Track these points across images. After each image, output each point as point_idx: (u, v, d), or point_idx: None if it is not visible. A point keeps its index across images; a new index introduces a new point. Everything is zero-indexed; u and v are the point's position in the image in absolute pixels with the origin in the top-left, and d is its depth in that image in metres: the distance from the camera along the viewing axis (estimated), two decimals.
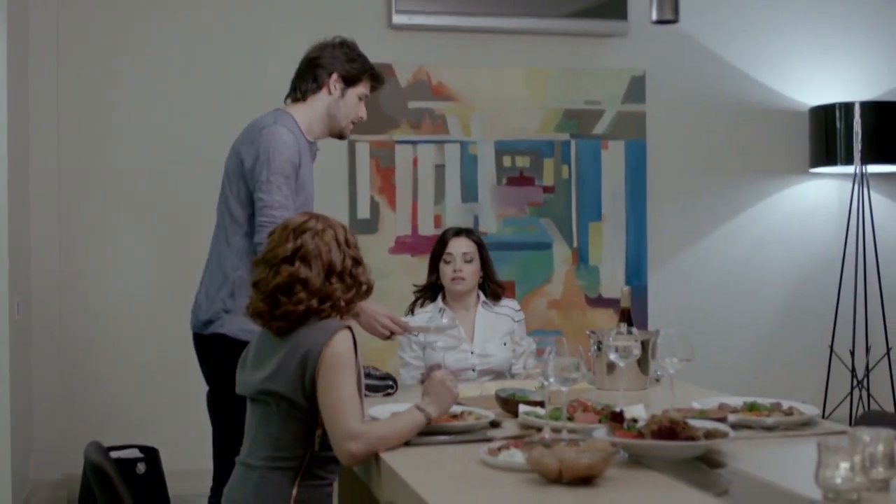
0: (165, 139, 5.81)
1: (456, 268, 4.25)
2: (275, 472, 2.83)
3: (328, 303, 2.88)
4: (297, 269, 2.87)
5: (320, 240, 2.90)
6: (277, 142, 3.71)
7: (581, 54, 6.32)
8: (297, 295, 2.86)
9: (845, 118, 6.28)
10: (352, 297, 2.95)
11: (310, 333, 2.83)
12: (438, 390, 2.94)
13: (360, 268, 2.97)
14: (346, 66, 3.97)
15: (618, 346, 3.27)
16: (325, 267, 2.89)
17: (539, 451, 2.40)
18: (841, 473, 2.16)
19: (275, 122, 3.81)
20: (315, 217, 2.98)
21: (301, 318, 2.87)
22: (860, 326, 6.47)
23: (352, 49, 4.05)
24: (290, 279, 2.87)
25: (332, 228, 2.95)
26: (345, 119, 3.92)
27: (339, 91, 3.93)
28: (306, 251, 2.89)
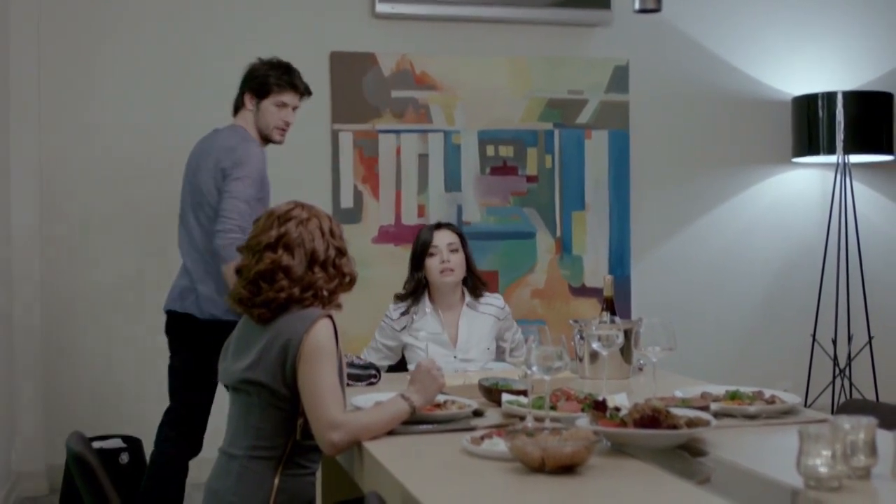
0: (147, 135, 5.78)
1: (443, 259, 4.21)
2: (256, 462, 2.83)
3: (310, 291, 2.88)
4: (280, 257, 2.87)
5: (304, 228, 2.91)
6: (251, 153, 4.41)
7: (564, 44, 6.32)
8: (279, 282, 2.86)
9: (828, 108, 6.30)
10: (334, 288, 2.95)
11: (291, 322, 2.83)
12: (424, 379, 2.94)
13: (343, 258, 2.97)
14: (251, 83, 4.56)
15: (601, 336, 3.28)
16: (308, 256, 2.90)
17: (522, 440, 2.40)
18: (822, 461, 2.17)
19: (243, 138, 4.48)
20: (301, 206, 2.98)
21: (282, 305, 2.86)
22: (842, 315, 6.49)
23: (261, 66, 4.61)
24: (273, 266, 2.87)
25: (318, 218, 2.95)
26: (270, 130, 4.55)
27: (254, 105, 4.54)
28: (290, 239, 2.89)
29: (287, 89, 4.52)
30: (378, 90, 6.02)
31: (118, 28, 5.77)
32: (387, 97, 6.03)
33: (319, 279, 2.90)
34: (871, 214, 6.73)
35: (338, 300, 2.99)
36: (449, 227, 4.34)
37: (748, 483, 2.39)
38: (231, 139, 4.46)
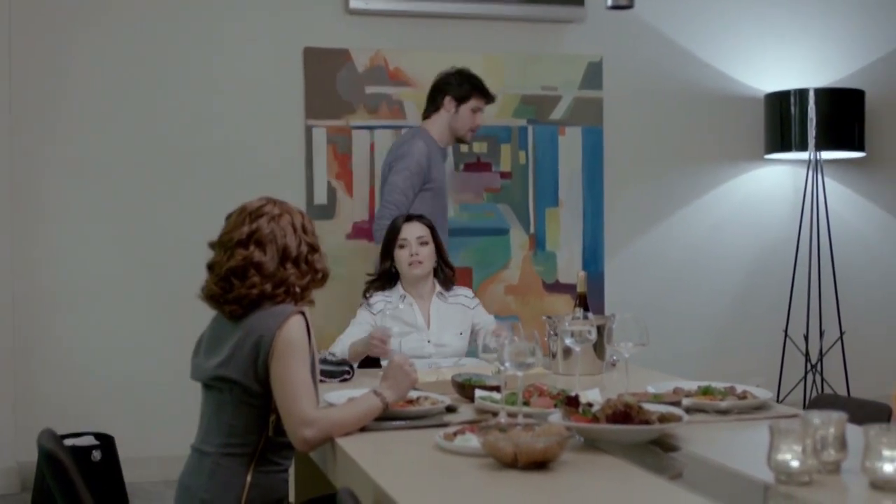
0: (121, 131, 5.76)
1: (412, 252, 4.24)
2: (228, 459, 2.82)
3: (282, 288, 2.87)
4: (252, 253, 2.86)
5: (276, 224, 2.90)
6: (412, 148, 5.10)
7: (538, 40, 6.32)
8: (251, 279, 2.85)
9: (800, 105, 6.33)
10: (307, 284, 2.94)
11: (263, 318, 2.82)
12: (396, 375, 2.94)
13: (316, 255, 2.96)
14: (453, 90, 5.23)
15: (573, 331, 3.29)
16: (280, 252, 2.89)
17: (494, 436, 2.40)
18: (792, 456, 2.18)
19: None
20: (273, 202, 2.97)
21: (254, 302, 2.85)
22: (814, 311, 6.53)
23: (457, 74, 5.30)
24: (245, 262, 2.86)
25: (290, 214, 2.94)
26: (463, 131, 5.25)
27: (454, 108, 5.21)
28: (261, 235, 2.88)
29: (482, 96, 5.24)
30: (352, 86, 6.01)
31: (90, 23, 5.73)
32: (360, 93, 6.02)
33: (291, 275, 2.89)
34: (843, 211, 6.77)
35: (310, 296, 2.98)
36: (420, 219, 4.37)
37: (720, 478, 2.40)
38: (402, 138, 5.36)
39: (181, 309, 5.55)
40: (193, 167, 5.82)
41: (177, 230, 5.75)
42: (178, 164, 5.82)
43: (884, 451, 2.11)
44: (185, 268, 5.33)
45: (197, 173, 5.82)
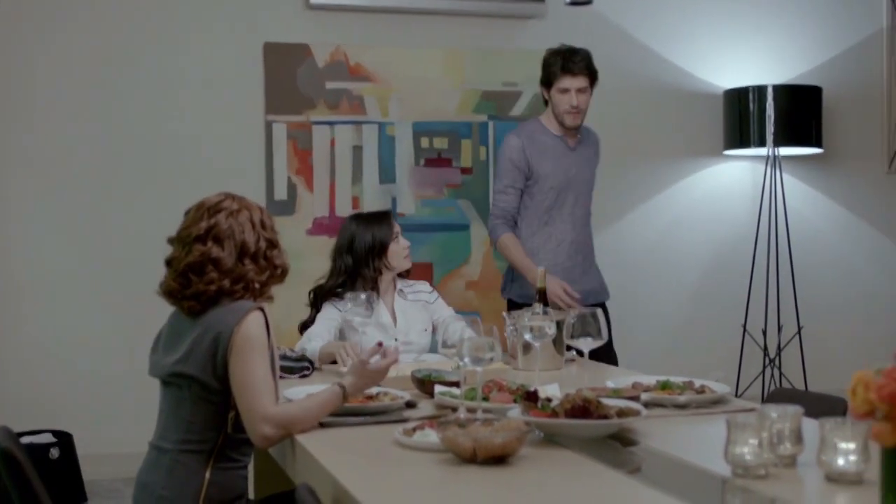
0: (78, 122, 5.71)
1: (404, 244, 4.28)
2: (186, 456, 2.80)
3: (240, 284, 2.86)
4: (210, 249, 2.85)
5: (234, 220, 2.88)
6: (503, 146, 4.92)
7: (498, 36, 6.33)
8: (209, 275, 2.84)
9: (758, 101, 6.37)
10: (265, 280, 2.93)
11: (221, 315, 2.81)
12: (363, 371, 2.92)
13: (274, 250, 2.95)
14: (541, 77, 4.87)
15: (532, 327, 3.30)
16: (239, 247, 2.87)
17: (453, 431, 2.40)
18: (749, 450, 2.20)
19: None
20: (231, 197, 2.95)
21: (212, 298, 2.84)
22: (772, 306, 6.58)
23: (547, 56, 4.88)
24: (202, 258, 2.85)
25: (248, 209, 2.93)
26: (560, 114, 4.80)
27: (547, 95, 4.85)
28: (219, 231, 2.86)
29: (563, 75, 4.76)
30: (312, 81, 5.99)
31: (51, 19, 5.68)
32: (321, 89, 6.01)
33: (250, 271, 2.88)
34: (801, 206, 6.83)
35: (269, 292, 2.97)
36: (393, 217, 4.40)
37: (677, 472, 2.41)
38: None
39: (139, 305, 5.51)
40: (153, 163, 5.79)
41: (135, 226, 5.71)
42: (137, 160, 5.78)
43: (839, 444, 2.13)
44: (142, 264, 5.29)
45: (156, 169, 5.79)
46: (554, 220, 4.85)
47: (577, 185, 4.88)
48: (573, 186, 4.86)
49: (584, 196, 4.94)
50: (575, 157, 4.89)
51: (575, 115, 4.79)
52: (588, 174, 4.95)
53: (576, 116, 4.79)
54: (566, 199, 4.86)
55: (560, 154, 4.85)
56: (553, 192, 4.82)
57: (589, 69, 4.80)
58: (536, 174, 4.80)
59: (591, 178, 4.98)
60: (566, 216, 4.87)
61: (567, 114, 4.78)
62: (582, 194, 4.92)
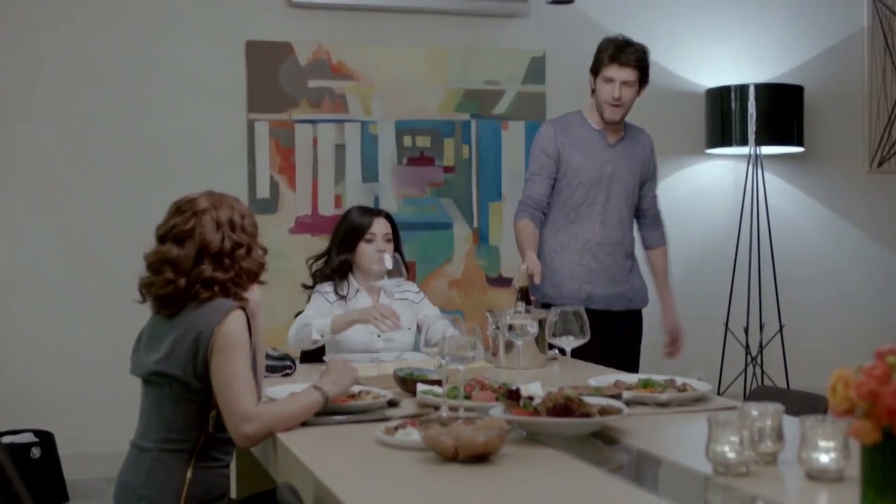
0: (59, 120, 5.69)
1: (380, 248, 4.22)
2: (168, 455, 2.79)
3: (198, 284, 2.81)
4: (168, 249, 2.83)
5: (197, 220, 2.84)
6: None
7: (481, 34, 6.33)
8: (165, 275, 2.81)
9: (740, 100, 6.39)
10: (229, 281, 2.85)
11: (202, 314, 2.79)
12: (339, 370, 2.94)
13: (240, 251, 2.87)
14: (592, 64, 4.63)
15: (514, 325, 3.30)
16: (198, 248, 2.83)
17: (435, 430, 2.40)
18: (730, 448, 2.20)
19: None
20: (209, 196, 2.92)
21: (173, 297, 2.82)
22: (754, 304, 6.60)
23: (601, 43, 4.62)
24: (158, 259, 2.84)
25: (217, 209, 2.87)
26: (601, 105, 4.57)
27: (594, 84, 4.61)
28: (180, 231, 2.83)
29: (611, 63, 4.52)
30: (294, 80, 5.98)
31: (30, 17, 5.66)
32: (303, 87, 6.00)
33: (206, 271, 2.81)
34: (782, 205, 6.85)
35: (240, 293, 2.89)
36: (388, 217, 4.34)
37: (659, 470, 2.42)
38: None
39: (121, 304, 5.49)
40: (135, 161, 5.77)
41: (117, 225, 5.69)
42: (120, 159, 5.76)
43: (819, 442, 2.14)
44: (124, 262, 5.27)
45: (139, 167, 5.77)
46: (582, 219, 4.60)
47: (613, 183, 4.60)
48: (607, 185, 4.59)
49: (620, 197, 4.63)
50: (614, 154, 4.63)
51: (615, 108, 4.54)
52: (628, 174, 4.65)
53: (616, 110, 4.55)
54: (597, 198, 4.60)
55: (596, 148, 4.61)
56: (583, 188, 4.57)
57: (640, 64, 4.54)
58: (567, 166, 4.57)
59: (633, 179, 4.67)
60: (596, 216, 4.61)
61: (607, 105, 4.53)
62: (618, 194, 4.62)
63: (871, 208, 7.08)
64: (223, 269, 2.84)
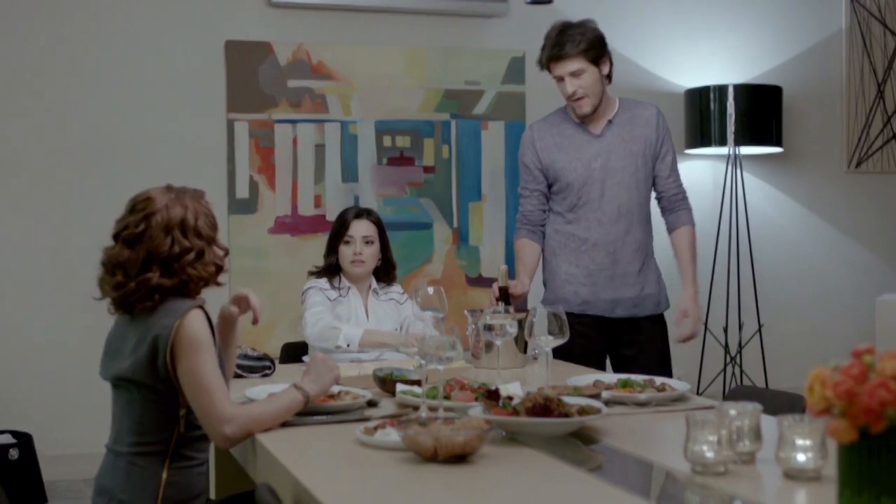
0: (35, 118, 5.67)
1: (356, 251, 4.24)
2: (142, 458, 2.76)
3: (144, 289, 2.74)
4: (119, 252, 2.77)
5: (147, 223, 2.75)
6: None
7: (461, 34, 6.33)
8: (116, 277, 2.77)
9: (719, 100, 6.41)
10: (172, 287, 2.76)
11: (158, 317, 2.72)
12: (319, 369, 2.92)
13: (188, 255, 2.77)
14: None
15: (494, 325, 3.30)
16: (147, 252, 2.75)
17: (414, 430, 2.40)
18: (708, 447, 2.21)
19: None
20: (165, 193, 2.83)
21: (124, 300, 2.77)
22: (733, 304, 6.62)
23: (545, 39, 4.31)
24: (110, 260, 2.79)
25: (171, 210, 2.77)
26: (567, 103, 4.30)
27: None
28: (131, 233, 2.77)
29: (550, 63, 4.24)
30: (274, 80, 5.97)
31: (7, 11, 5.63)
32: (283, 87, 5.99)
33: (153, 277, 2.74)
34: (761, 205, 6.87)
35: (192, 297, 2.81)
36: (369, 217, 4.35)
37: (638, 469, 2.42)
38: None
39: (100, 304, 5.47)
40: (113, 161, 5.75)
41: (94, 225, 5.65)
42: (98, 158, 5.74)
43: (797, 441, 2.15)
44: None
45: (117, 168, 5.75)
46: (578, 219, 4.26)
47: (606, 176, 4.22)
48: (599, 179, 4.21)
49: (617, 189, 4.23)
50: (602, 144, 4.25)
51: (578, 101, 4.20)
52: (623, 162, 4.24)
53: (580, 103, 4.20)
54: (590, 195, 4.23)
55: (580, 144, 4.26)
56: (573, 188, 4.23)
57: (581, 48, 4.17)
58: (552, 168, 4.26)
59: (632, 164, 4.25)
60: (591, 214, 4.24)
61: (570, 103, 4.24)
62: (614, 187, 4.23)
63: (849, 208, 7.12)
64: (170, 276, 2.75)
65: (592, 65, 4.20)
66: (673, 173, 4.39)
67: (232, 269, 5.76)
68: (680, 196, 4.41)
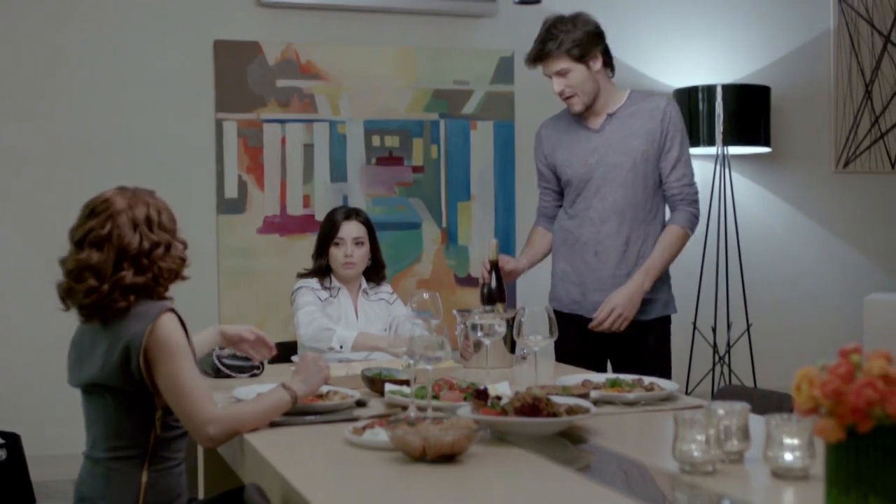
0: (23, 118, 5.66)
1: (347, 252, 4.24)
2: (120, 462, 2.74)
3: (118, 291, 2.71)
4: (88, 256, 2.73)
5: (113, 223, 2.73)
6: None
7: (450, 34, 6.33)
8: (87, 281, 2.72)
9: (707, 100, 6.42)
10: (146, 283, 2.75)
11: (128, 324, 2.70)
12: (309, 369, 2.90)
13: (158, 250, 2.76)
14: None
15: (482, 325, 3.30)
16: (118, 251, 2.73)
17: (403, 430, 2.40)
18: (696, 446, 2.21)
19: None
20: (122, 193, 2.81)
21: (98, 306, 2.73)
22: (722, 304, 6.63)
23: None
24: (78, 266, 2.75)
25: (133, 209, 2.76)
26: None
27: None
28: (97, 235, 2.73)
29: (535, 64, 4.14)
30: (263, 79, 5.97)
31: None
32: (271, 86, 5.98)
33: (127, 276, 2.72)
34: (750, 204, 6.89)
35: (163, 293, 2.81)
36: (358, 217, 4.35)
37: (626, 469, 2.42)
38: None
39: None
40: (101, 161, 5.73)
41: None
42: (86, 159, 5.73)
43: (784, 440, 2.15)
44: None
45: (105, 167, 5.73)
46: (575, 216, 4.16)
47: (603, 172, 4.08)
48: (597, 176, 4.08)
49: (613, 185, 4.07)
50: (600, 139, 4.11)
51: (568, 101, 4.10)
52: (621, 157, 4.06)
53: (571, 101, 4.08)
54: (588, 192, 4.11)
55: (579, 139, 4.15)
56: (573, 185, 4.14)
57: (565, 47, 4.02)
58: (558, 168, 4.20)
59: (631, 159, 4.06)
60: (587, 212, 4.12)
61: (561, 99, 4.14)
62: (610, 183, 4.07)
63: (837, 208, 7.14)
64: (142, 272, 2.74)
65: (579, 63, 4.05)
66: (677, 171, 4.13)
67: (220, 269, 5.75)
68: (681, 196, 4.17)
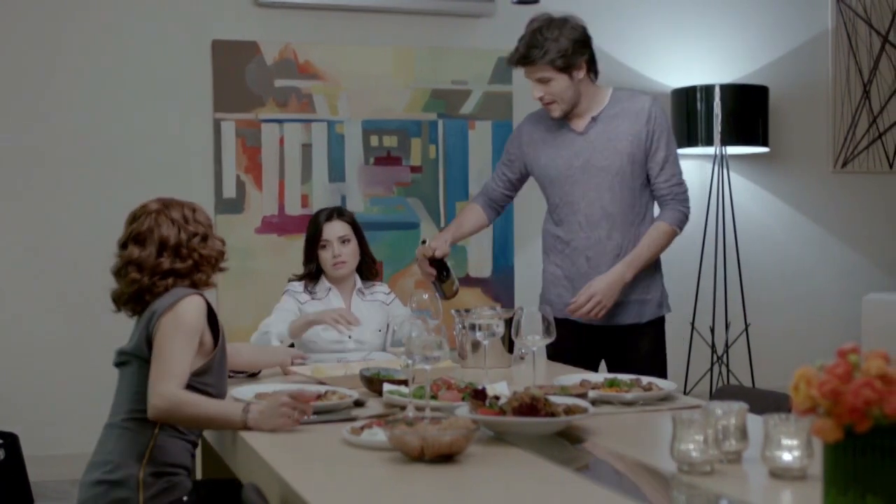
0: (20, 120, 5.65)
1: (335, 253, 4.22)
2: (135, 423, 2.88)
3: (157, 276, 2.95)
4: (131, 252, 2.97)
5: (153, 220, 2.99)
6: None
7: (448, 34, 6.33)
8: (130, 275, 2.95)
9: (706, 100, 6.42)
10: (190, 269, 3.00)
11: (161, 301, 2.92)
12: (273, 410, 2.76)
13: (195, 239, 3.01)
14: None
15: (480, 325, 3.30)
16: (158, 244, 2.97)
17: (401, 430, 2.40)
18: (694, 446, 2.21)
19: None
20: (159, 200, 3.06)
21: (139, 296, 2.96)
22: (720, 304, 6.63)
23: None
24: (123, 263, 2.98)
25: (169, 209, 3.02)
26: None
27: None
28: (139, 233, 2.98)
29: (518, 67, 4.05)
30: (261, 79, 5.96)
31: None
32: (270, 86, 5.98)
33: (165, 262, 2.96)
34: (748, 204, 6.89)
35: (206, 280, 3.05)
36: (341, 216, 4.31)
37: (624, 469, 2.42)
38: None
39: (87, 305, 5.47)
40: (100, 161, 5.73)
41: (84, 226, 5.65)
42: (84, 159, 5.73)
43: (783, 440, 2.15)
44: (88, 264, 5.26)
45: (103, 168, 5.74)
46: (561, 220, 4.06)
47: (589, 175, 3.97)
48: (581, 179, 3.98)
49: (600, 189, 3.97)
50: (584, 141, 3.99)
51: (547, 107, 3.99)
52: (608, 160, 3.95)
53: (551, 108, 3.97)
54: (573, 195, 4.00)
55: (563, 141, 4.03)
56: (556, 187, 4.04)
57: (546, 57, 3.92)
58: (534, 165, 4.12)
59: (618, 162, 3.95)
60: (574, 215, 4.02)
61: (544, 107, 4.03)
62: (596, 187, 3.97)
63: (835, 208, 7.14)
64: (182, 259, 2.98)
65: (562, 73, 3.92)
66: (666, 171, 4.04)
67: None
68: (671, 196, 4.09)
